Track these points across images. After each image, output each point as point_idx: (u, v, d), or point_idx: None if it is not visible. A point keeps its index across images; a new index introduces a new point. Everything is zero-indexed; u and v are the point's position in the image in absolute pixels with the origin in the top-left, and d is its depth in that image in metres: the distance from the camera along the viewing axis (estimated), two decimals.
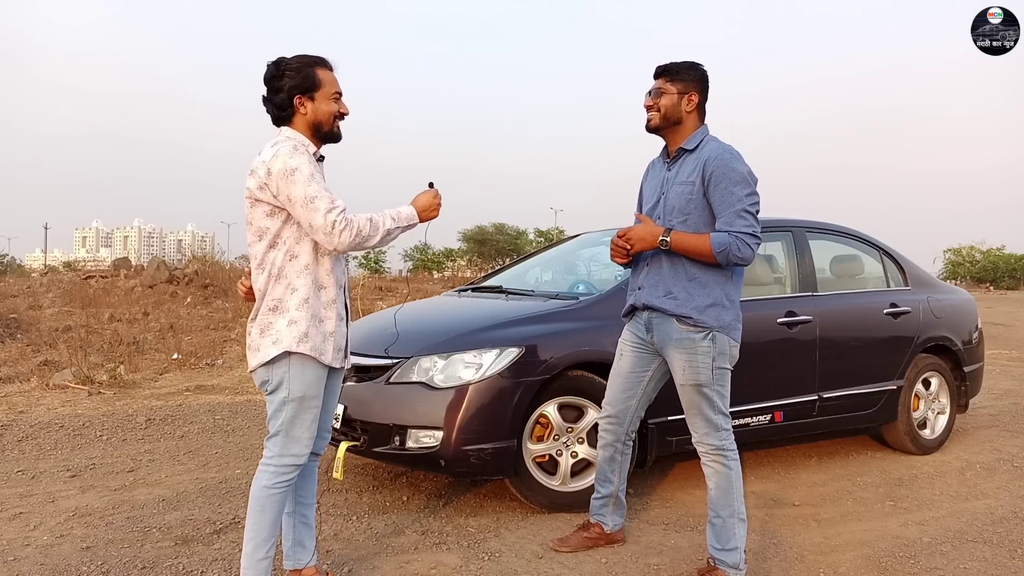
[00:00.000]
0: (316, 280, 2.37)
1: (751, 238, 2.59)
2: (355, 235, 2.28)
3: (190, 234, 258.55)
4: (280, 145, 2.31)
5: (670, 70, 2.77)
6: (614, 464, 2.98)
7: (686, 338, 2.68)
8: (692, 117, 2.76)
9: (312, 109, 2.37)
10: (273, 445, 2.37)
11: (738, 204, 2.60)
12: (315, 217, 2.25)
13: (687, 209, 2.69)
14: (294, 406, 2.35)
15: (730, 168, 2.63)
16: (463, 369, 3.29)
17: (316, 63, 2.39)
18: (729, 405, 2.74)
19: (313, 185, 2.26)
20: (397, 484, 3.83)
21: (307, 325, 2.33)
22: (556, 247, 5.52)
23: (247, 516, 2.37)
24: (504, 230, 51.50)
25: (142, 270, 16.21)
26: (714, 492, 2.72)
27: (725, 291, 2.69)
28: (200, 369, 7.56)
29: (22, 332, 9.52)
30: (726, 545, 2.68)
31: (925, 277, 5.01)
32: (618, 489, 3.00)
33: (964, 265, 43.95)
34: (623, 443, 2.97)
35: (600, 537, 3.02)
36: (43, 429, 4.90)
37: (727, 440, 2.72)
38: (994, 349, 9.83)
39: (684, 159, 2.76)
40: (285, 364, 2.32)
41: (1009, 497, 3.80)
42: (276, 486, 2.35)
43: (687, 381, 2.69)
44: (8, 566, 2.80)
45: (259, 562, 2.34)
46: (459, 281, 20.14)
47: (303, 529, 2.56)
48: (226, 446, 4.60)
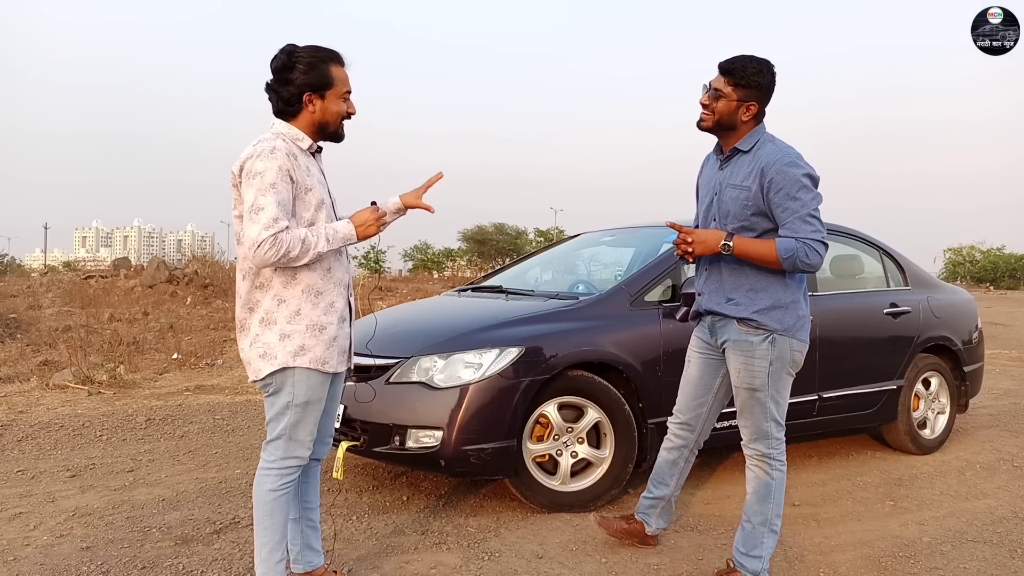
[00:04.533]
0: (310, 287, 2.28)
1: (819, 244, 2.47)
2: (280, 255, 2.16)
3: (190, 234, 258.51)
4: (260, 144, 2.22)
5: (737, 72, 2.55)
6: (675, 469, 2.91)
7: (744, 340, 2.59)
8: (748, 124, 2.61)
9: (321, 108, 2.29)
10: (275, 449, 2.32)
11: (803, 209, 2.48)
12: (250, 228, 2.16)
13: (743, 216, 2.57)
14: (298, 411, 2.30)
15: (789, 174, 2.49)
16: (463, 369, 3.29)
17: (331, 58, 2.29)
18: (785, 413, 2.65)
19: (268, 196, 2.15)
20: (397, 484, 3.83)
21: (303, 338, 2.26)
22: (556, 247, 5.52)
23: (255, 522, 2.33)
24: (504, 230, 51.47)
25: (142, 270, 16.21)
26: (751, 497, 2.67)
27: (788, 293, 2.59)
28: (200, 369, 7.56)
29: (22, 332, 9.52)
30: (751, 551, 2.63)
31: (925, 277, 5.01)
32: (672, 494, 2.94)
33: (964, 265, 43.92)
34: (691, 451, 2.90)
35: (638, 534, 2.98)
36: (43, 429, 4.90)
37: (775, 448, 2.63)
38: (994, 349, 9.82)
39: (738, 160, 2.63)
40: (288, 374, 2.27)
41: (1009, 497, 3.80)
42: (282, 488, 2.32)
43: (742, 384, 2.62)
44: (8, 566, 2.80)
45: (276, 565, 2.32)
46: (459, 281, 20.13)
47: (310, 532, 2.54)
48: (226, 446, 4.59)
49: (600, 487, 3.44)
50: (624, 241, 4.91)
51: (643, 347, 3.57)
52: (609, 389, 3.44)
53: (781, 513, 2.67)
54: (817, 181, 2.55)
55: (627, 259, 4.55)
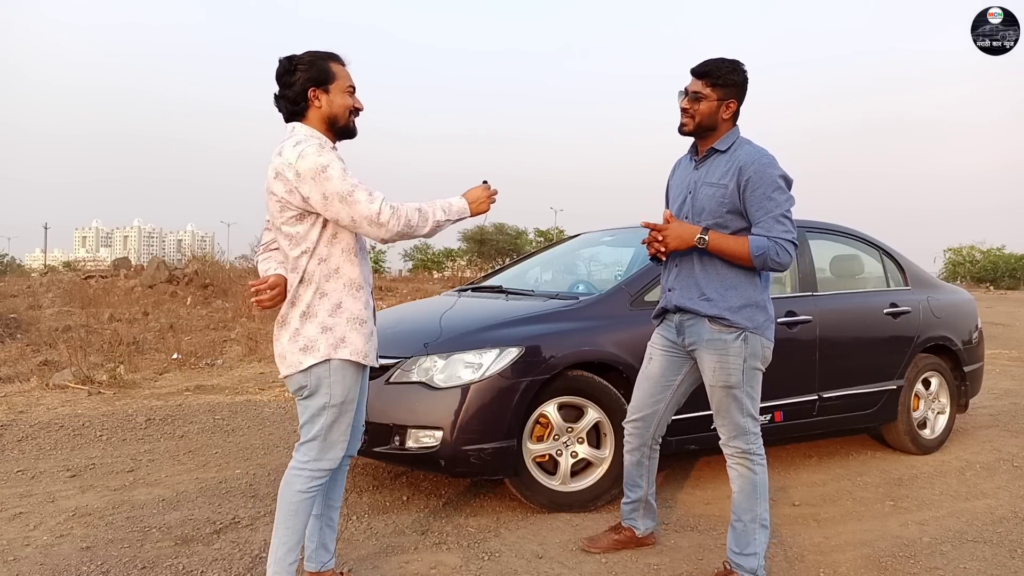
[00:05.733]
0: (351, 281, 2.31)
1: (790, 244, 2.54)
2: (404, 224, 2.22)
3: (190, 234, 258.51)
4: (304, 144, 2.23)
5: (712, 73, 2.63)
6: (641, 468, 2.94)
7: (718, 339, 2.63)
8: (727, 122, 2.69)
9: (327, 102, 2.31)
10: (309, 450, 2.32)
11: (776, 209, 2.55)
12: (357, 209, 2.19)
13: (718, 212, 2.63)
14: (335, 411, 2.31)
15: (767, 174, 2.56)
16: (463, 369, 3.29)
17: (328, 57, 2.34)
18: (758, 409, 2.69)
19: (349, 179, 2.20)
20: (397, 484, 3.83)
21: (345, 330, 2.28)
22: (556, 247, 5.52)
23: (277, 521, 2.33)
24: (504, 230, 51.47)
25: (142, 270, 16.21)
26: (737, 496, 2.69)
27: (757, 292, 2.65)
28: (200, 369, 7.56)
29: (22, 332, 9.52)
30: (744, 550, 2.65)
31: (925, 277, 5.01)
32: (647, 493, 2.97)
33: (964, 265, 43.93)
34: (649, 447, 2.93)
35: (630, 540, 3.00)
36: (43, 429, 4.90)
37: (754, 444, 2.67)
38: (994, 349, 9.83)
39: (714, 159, 2.69)
40: (325, 369, 2.27)
41: (1009, 497, 3.80)
42: (310, 490, 2.32)
43: (717, 383, 2.65)
44: (8, 566, 2.80)
45: (290, 566, 2.32)
46: (459, 281, 20.13)
47: (327, 532, 2.54)
48: (226, 446, 4.59)
49: (600, 487, 3.44)
50: (624, 241, 4.91)
51: (643, 347, 3.54)
52: (609, 389, 3.44)
53: (768, 507, 2.69)
54: (791, 184, 2.63)
55: (627, 259, 4.55)
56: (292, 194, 2.22)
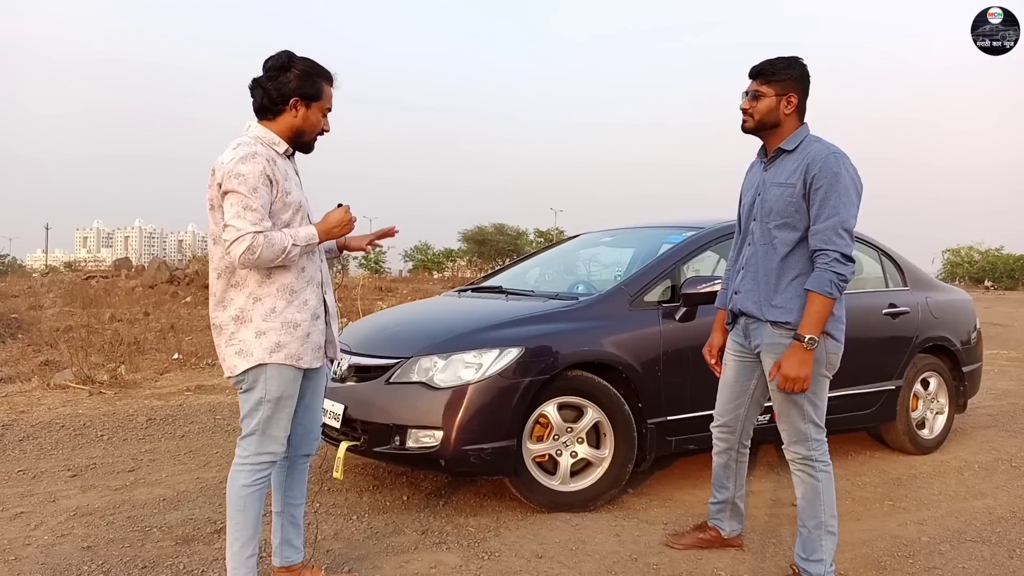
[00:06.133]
0: (284, 286, 2.32)
1: (843, 264, 2.45)
2: (256, 257, 2.19)
3: (191, 234, 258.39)
4: (240, 148, 2.25)
5: (766, 71, 2.62)
6: (729, 471, 2.96)
7: (779, 343, 2.59)
8: (791, 119, 2.63)
9: (303, 116, 2.34)
10: (248, 444, 2.36)
11: (837, 219, 2.46)
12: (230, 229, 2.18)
13: (786, 212, 2.57)
14: (271, 407, 2.34)
15: (836, 175, 2.48)
16: (463, 369, 3.30)
17: (325, 76, 2.37)
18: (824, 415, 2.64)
19: (249, 199, 2.19)
20: (397, 484, 3.84)
21: (279, 335, 2.30)
22: (556, 247, 5.53)
23: (228, 517, 2.38)
24: (504, 230, 51.50)
25: (143, 270, 16.23)
26: (801, 502, 2.67)
27: None
28: (200, 369, 7.56)
29: (23, 332, 9.53)
30: (811, 556, 2.63)
31: (924, 277, 5.02)
32: (735, 495, 2.98)
33: (963, 265, 43.93)
34: (737, 450, 2.94)
35: (715, 540, 3.02)
36: (44, 429, 4.91)
37: (816, 450, 2.63)
38: (993, 349, 9.83)
39: (783, 159, 2.64)
40: (262, 370, 2.31)
41: (1007, 497, 3.81)
42: (255, 483, 2.36)
43: (778, 387, 2.59)
44: (9, 565, 2.81)
45: (247, 560, 2.36)
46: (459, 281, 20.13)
47: (291, 528, 2.58)
48: (226, 446, 4.60)
49: (600, 487, 3.45)
50: (624, 241, 4.92)
51: (643, 347, 3.58)
52: (609, 389, 3.45)
53: (835, 513, 2.65)
54: (861, 189, 2.55)
55: (627, 259, 4.56)
56: (214, 190, 2.26)
